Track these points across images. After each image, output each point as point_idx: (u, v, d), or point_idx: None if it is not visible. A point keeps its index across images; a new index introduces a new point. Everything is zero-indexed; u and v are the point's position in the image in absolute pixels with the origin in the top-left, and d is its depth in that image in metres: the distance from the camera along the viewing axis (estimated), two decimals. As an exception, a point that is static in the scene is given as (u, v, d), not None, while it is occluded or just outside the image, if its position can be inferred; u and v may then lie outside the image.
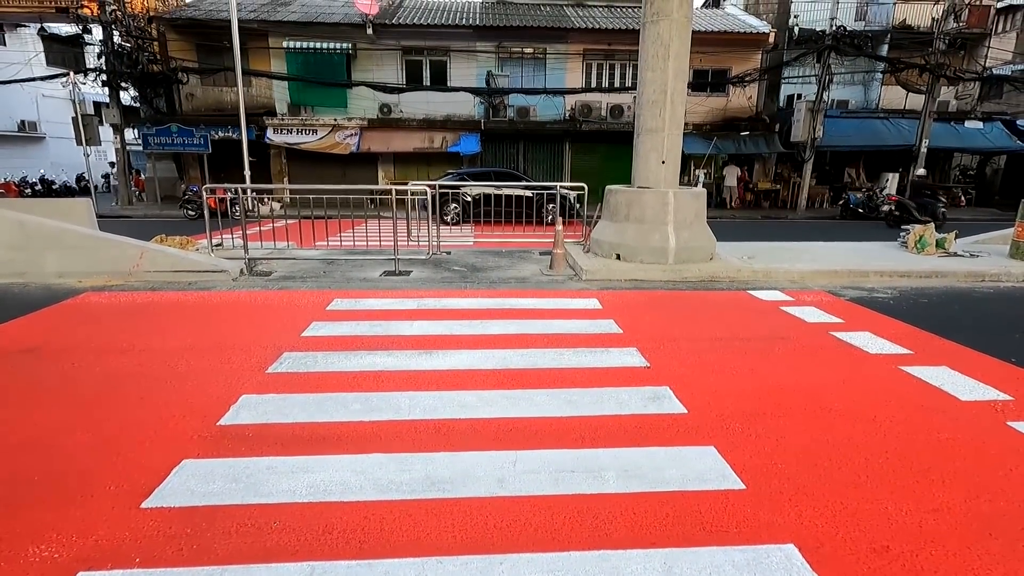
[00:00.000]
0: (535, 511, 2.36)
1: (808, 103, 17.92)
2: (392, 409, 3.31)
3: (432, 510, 2.36)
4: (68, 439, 2.91)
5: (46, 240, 6.79)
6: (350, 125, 18.79)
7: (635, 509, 2.38)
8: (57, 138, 26.73)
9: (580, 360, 4.19)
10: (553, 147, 20.05)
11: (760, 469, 2.70)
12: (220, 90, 18.98)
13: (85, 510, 2.32)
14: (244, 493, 2.45)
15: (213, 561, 2.04)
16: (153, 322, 5.09)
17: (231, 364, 4.00)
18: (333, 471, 2.64)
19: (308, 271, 7.48)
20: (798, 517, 2.33)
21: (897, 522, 2.31)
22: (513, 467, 2.69)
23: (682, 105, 7.73)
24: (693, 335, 4.86)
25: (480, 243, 10.38)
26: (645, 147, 7.80)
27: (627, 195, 7.80)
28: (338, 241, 9.57)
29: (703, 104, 19.61)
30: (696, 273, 7.24)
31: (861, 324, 5.24)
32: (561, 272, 7.59)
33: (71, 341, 4.51)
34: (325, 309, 5.58)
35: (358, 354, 4.24)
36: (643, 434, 3.05)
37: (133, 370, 3.88)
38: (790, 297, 6.31)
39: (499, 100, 18.86)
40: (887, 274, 7.40)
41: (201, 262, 7.05)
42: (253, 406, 3.32)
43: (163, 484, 2.51)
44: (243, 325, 5.04)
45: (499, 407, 3.36)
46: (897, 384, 3.81)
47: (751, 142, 19.46)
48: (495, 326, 5.04)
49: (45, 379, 3.71)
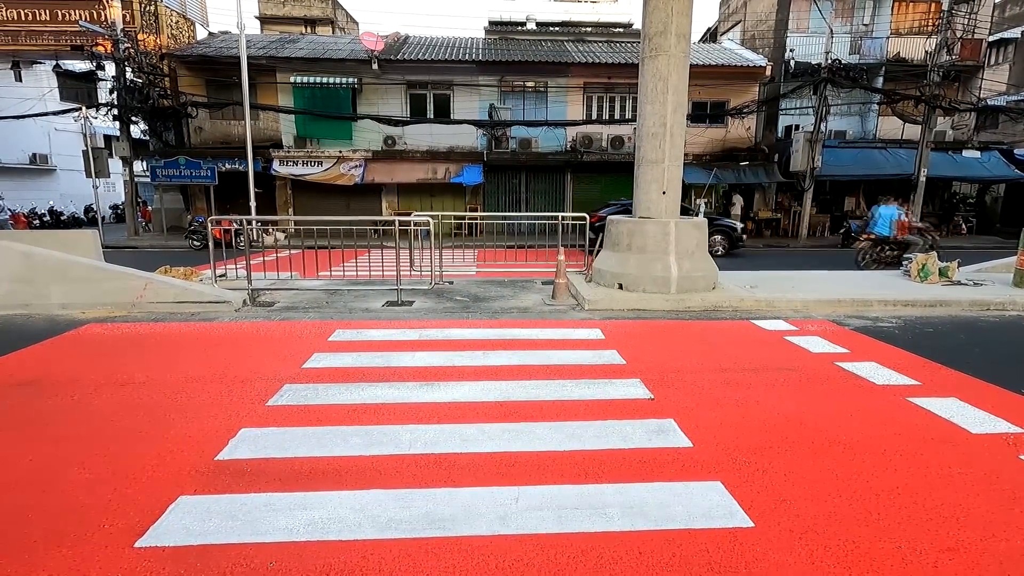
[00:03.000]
0: (538, 550, 2.30)
1: (806, 134, 18.18)
2: (393, 443, 3.26)
3: (432, 549, 2.30)
4: (63, 475, 2.87)
5: (51, 272, 6.83)
6: (355, 157, 19.08)
7: (640, 548, 2.31)
8: (67, 170, 27.22)
9: (583, 392, 4.14)
10: (555, 178, 20.29)
11: (768, 505, 2.63)
12: (228, 123, 19.37)
13: (77, 549, 2.27)
14: (241, 531, 2.40)
15: (206, 604, 1.98)
16: (154, 354, 5.07)
17: (231, 396, 3.97)
18: (332, 508, 2.58)
19: (311, 302, 7.49)
20: (809, 557, 2.26)
21: (912, 562, 2.23)
22: (515, 503, 2.63)
23: (681, 137, 7.84)
24: (697, 366, 4.82)
25: (482, 273, 10.40)
26: (646, 178, 7.88)
27: (629, 225, 7.85)
28: (341, 271, 9.61)
29: (702, 135, 19.90)
30: (699, 303, 7.22)
31: (867, 354, 5.19)
32: (563, 302, 7.58)
33: (71, 374, 4.49)
34: (327, 340, 5.56)
35: (359, 386, 4.21)
36: (647, 468, 2.99)
37: (132, 403, 3.85)
38: (794, 327, 6.27)
39: (501, 132, 19.17)
40: (891, 303, 7.36)
41: (204, 293, 7.07)
42: (252, 440, 3.28)
43: (158, 522, 2.46)
44: (245, 356, 5.02)
45: (501, 441, 3.31)
46: (905, 416, 3.75)
47: (751, 172, 19.67)
48: (497, 357, 5.01)
49: (43, 413, 3.68)
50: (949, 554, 2.29)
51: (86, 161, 16.73)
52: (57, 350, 5.17)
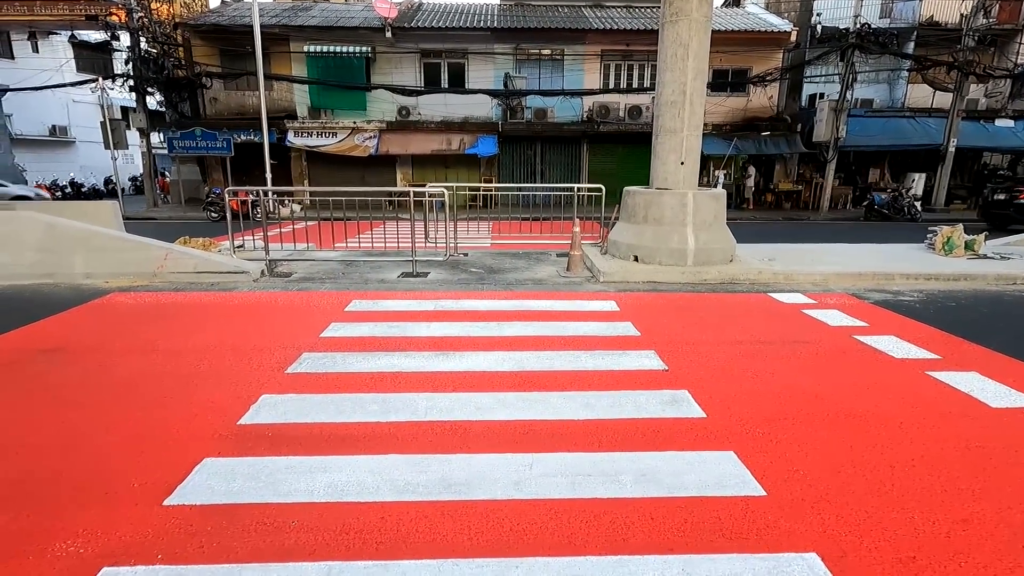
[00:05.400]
0: (551, 515, 2.34)
1: (831, 102, 17.62)
2: (409, 410, 3.32)
3: (448, 512, 2.36)
4: (93, 437, 2.98)
5: (74, 242, 6.97)
6: (369, 128, 18.97)
7: (653, 514, 2.35)
8: (86, 142, 27.45)
9: (597, 363, 4.16)
10: (570, 148, 20.00)
11: (781, 475, 2.65)
12: (242, 94, 19.31)
13: (109, 507, 2.36)
14: (263, 492, 2.48)
15: (233, 559, 2.06)
16: (176, 322, 5.18)
17: (252, 364, 4.06)
18: (351, 471, 2.65)
19: (327, 272, 7.56)
20: (821, 525, 2.28)
21: (925, 532, 2.24)
22: (530, 470, 2.68)
23: (701, 106, 7.65)
24: (712, 338, 4.80)
25: (497, 245, 10.38)
26: (664, 148, 7.74)
27: (645, 196, 7.74)
28: (356, 243, 9.66)
29: (723, 104, 19.39)
30: (715, 275, 7.15)
31: (886, 328, 5.12)
32: (578, 274, 7.55)
33: (97, 341, 4.62)
34: (344, 310, 5.63)
35: (376, 355, 4.27)
36: (661, 438, 3.02)
37: (156, 369, 3.95)
38: (812, 300, 6.20)
39: (517, 102, 18.87)
40: (913, 276, 7.22)
41: (223, 263, 7.17)
42: (273, 406, 3.36)
43: (185, 482, 2.55)
44: (264, 326, 5.11)
45: (516, 409, 3.35)
46: (924, 390, 3.71)
47: (772, 142, 19.19)
48: (512, 328, 5.04)
49: (71, 378, 3.80)
50: (963, 525, 2.29)
51: (104, 132, 16.85)
52: (83, 318, 5.31)
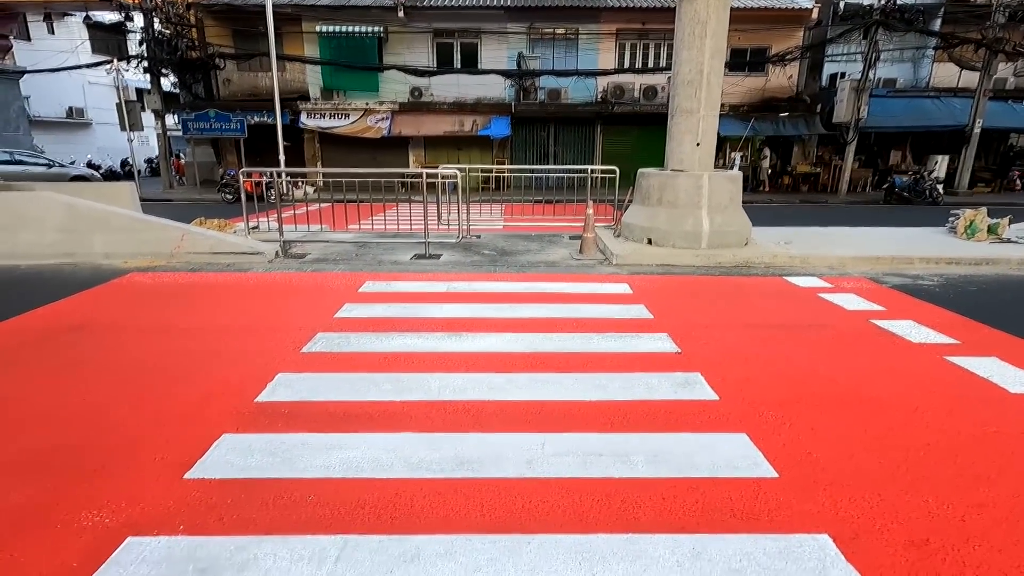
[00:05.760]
0: (563, 493, 2.37)
1: (853, 82, 17.15)
2: (422, 390, 3.36)
3: (461, 489, 2.39)
4: (115, 413, 3.05)
5: (93, 222, 7.07)
6: (381, 109, 18.88)
7: (664, 494, 2.36)
8: (103, 124, 27.65)
9: (610, 345, 4.16)
10: (584, 130, 19.76)
11: (794, 458, 2.64)
12: (255, 75, 19.28)
13: (132, 480, 2.43)
14: (280, 467, 2.53)
15: (252, 531, 2.12)
16: (194, 302, 5.26)
17: (267, 343, 4.11)
18: (365, 449, 2.70)
19: (340, 254, 7.60)
20: (833, 507, 2.28)
21: (938, 516, 2.23)
22: (542, 449, 2.70)
23: (718, 85, 7.50)
24: (726, 321, 4.76)
25: (510, 227, 10.36)
26: (679, 129, 7.62)
27: (660, 178, 7.65)
28: (369, 225, 9.69)
29: (740, 84, 18.98)
30: (730, 258, 7.08)
31: (904, 312, 5.05)
32: (591, 256, 7.52)
33: (118, 319, 4.70)
34: (357, 291, 5.67)
35: (389, 335, 4.31)
36: (673, 420, 3.02)
37: (175, 348, 4.02)
38: (828, 284, 6.12)
39: (530, 82, 18.64)
40: (933, 260, 7.09)
41: (239, 244, 7.24)
42: (289, 384, 3.41)
43: (204, 456, 2.61)
44: (279, 306, 5.17)
45: (528, 390, 3.37)
46: (941, 374, 3.67)
47: (790, 124, 18.79)
48: (524, 310, 5.04)
49: (93, 356, 3.89)
50: (977, 509, 2.27)
51: (120, 114, 16.95)
52: (103, 297, 5.41)
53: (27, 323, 4.58)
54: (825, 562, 1.98)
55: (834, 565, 1.96)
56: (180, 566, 1.94)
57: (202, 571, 1.92)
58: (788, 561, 1.98)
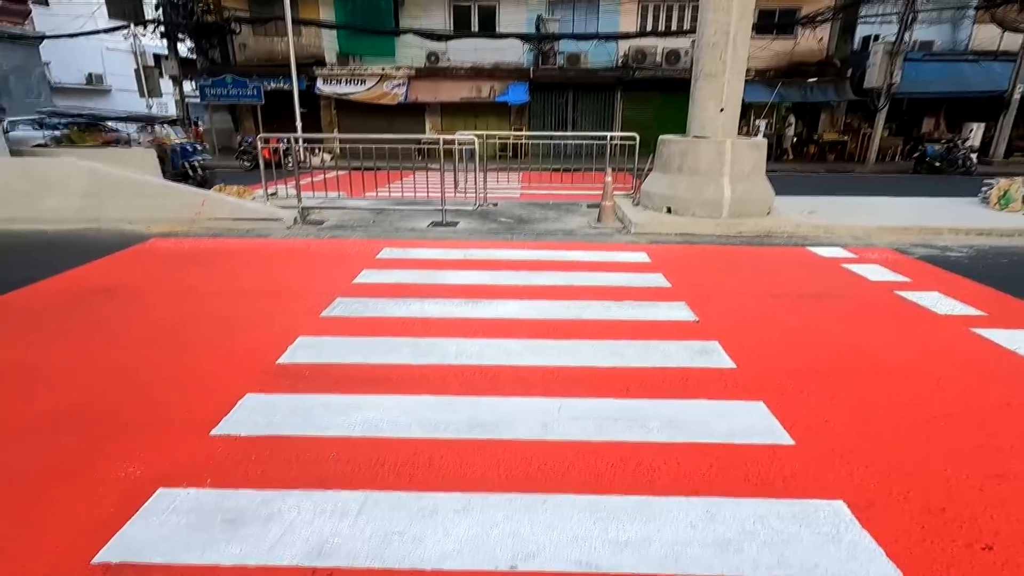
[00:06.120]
0: (578, 455, 2.40)
1: (886, 45, 16.41)
2: (439, 354, 3.40)
3: (478, 450, 2.43)
4: (142, 372, 3.14)
5: (116, 188, 7.16)
6: (398, 75, 18.62)
7: (678, 458, 2.38)
8: (121, 90, 27.69)
9: (626, 313, 4.14)
10: (604, 96, 19.30)
11: (811, 426, 2.63)
12: (271, 40, 19.08)
13: (161, 436, 2.52)
14: (302, 426, 2.60)
15: (276, 485, 2.19)
16: (215, 266, 5.34)
17: (288, 307, 4.18)
18: (384, 410, 2.75)
19: (358, 221, 7.63)
20: (849, 475, 2.28)
21: (956, 485, 2.22)
22: (557, 413, 2.73)
23: (745, 48, 7.23)
24: (745, 291, 4.71)
25: (527, 195, 10.27)
26: (703, 94, 7.40)
27: (681, 145, 7.48)
28: (387, 192, 9.68)
29: (768, 48, 18.28)
30: (751, 228, 6.95)
31: (930, 283, 4.93)
32: (609, 225, 7.44)
33: (142, 283, 4.81)
34: (375, 257, 5.70)
35: (407, 301, 4.34)
36: (689, 387, 3.02)
37: (198, 311, 4.11)
38: (853, 254, 5.99)
39: (549, 46, 18.18)
40: (964, 231, 6.88)
41: (258, 210, 7.30)
42: (309, 347, 3.47)
43: (229, 415, 2.68)
44: (298, 271, 5.23)
45: (544, 356, 3.39)
46: (966, 346, 3.60)
47: (819, 89, 18.13)
48: (541, 277, 5.03)
49: (121, 318, 3.99)
50: (997, 480, 2.25)
51: (138, 80, 17.00)
52: (128, 262, 5.52)
53: (56, 286, 4.71)
54: (839, 527, 1.99)
55: (848, 530, 1.97)
56: (209, 516, 2.02)
57: (230, 521, 1.99)
58: (802, 525, 2.00)
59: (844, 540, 1.93)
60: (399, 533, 1.94)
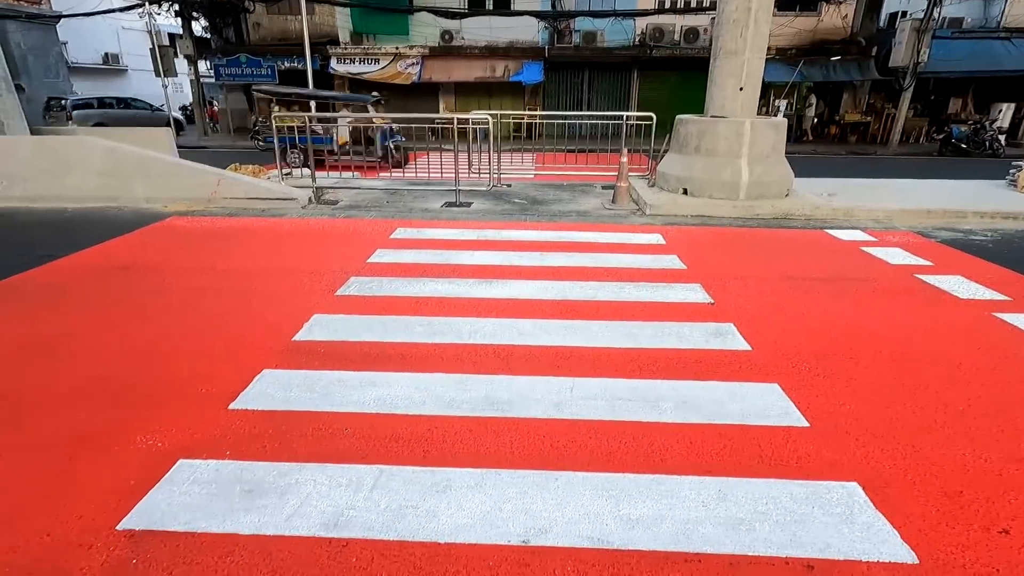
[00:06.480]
0: (591, 434, 2.41)
1: (914, 22, 15.87)
2: (453, 333, 3.41)
3: (491, 427, 2.45)
4: (162, 348, 3.20)
5: (134, 167, 7.23)
6: (411, 54, 18.44)
7: (691, 439, 2.38)
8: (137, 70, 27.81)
9: (640, 294, 4.12)
10: (620, 76, 18.97)
11: (826, 409, 2.61)
12: (285, 18, 18.97)
13: (181, 409, 2.57)
14: (318, 401, 2.64)
15: (292, 458, 2.23)
16: (232, 245, 5.39)
17: (303, 285, 4.21)
18: (398, 387, 2.78)
19: (372, 201, 7.63)
20: (864, 457, 2.26)
21: (974, 469, 2.20)
22: (570, 392, 2.74)
23: (766, 24, 7.04)
24: (762, 273, 4.65)
25: (541, 176, 10.18)
26: (722, 72, 7.24)
27: (699, 125, 7.35)
28: (400, 172, 9.65)
29: (790, 25, 17.78)
30: (769, 210, 6.84)
31: (952, 267, 4.83)
32: (624, 206, 7.37)
33: (160, 260, 4.87)
34: (389, 237, 5.71)
35: (421, 280, 4.36)
36: (703, 369, 3.01)
37: (216, 288, 4.16)
38: (873, 237, 5.87)
39: (564, 24, 17.85)
40: (989, 215, 6.71)
41: (273, 190, 7.33)
42: (324, 324, 3.51)
43: (247, 390, 2.73)
44: (313, 250, 5.26)
45: (557, 336, 3.39)
46: (988, 331, 3.53)
47: (842, 68, 17.62)
48: (555, 258, 5.01)
49: (139, 294, 4.05)
50: (1017, 464, 2.22)
51: (154, 60, 17.00)
52: (146, 240, 5.59)
53: (78, 262, 4.79)
54: (853, 508, 1.98)
55: (862, 512, 1.96)
56: (228, 487, 2.06)
57: (248, 492, 2.04)
58: (815, 506, 1.99)
59: (858, 521, 1.92)
60: (413, 507, 1.98)
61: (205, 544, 1.81)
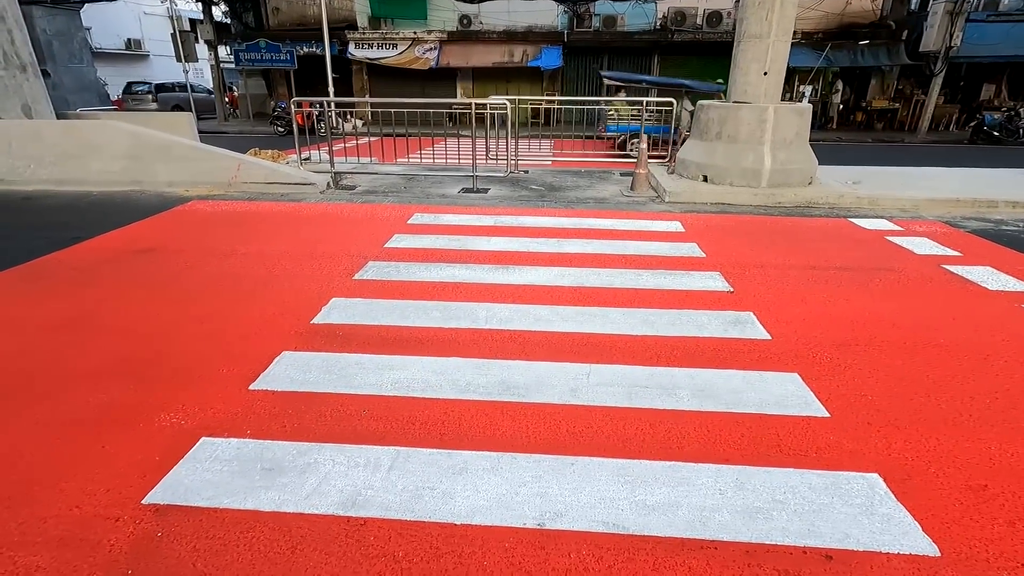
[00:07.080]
0: (607, 420, 2.40)
1: (948, 4, 15.33)
2: (470, 318, 3.42)
3: (507, 411, 2.46)
4: (184, 329, 3.26)
5: (156, 151, 7.33)
6: (430, 39, 18.35)
7: (709, 427, 2.36)
8: (159, 56, 28.12)
9: (659, 282, 4.08)
10: (640, 61, 18.69)
11: (847, 399, 2.57)
12: (303, 3, 18.98)
13: (203, 389, 2.62)
14: (336, 383, 2.67)
15: (311, 439, 2.26)
16: (252, 229, 5.45)
17: (322, 269, 4.25)
18: (415, 370, 2.79)
19: (390, 186, 7.65)
20: (886, 449, 2.23)
21: (999, 463, 2.15)
22: (587, 379, 2.73)
23: (793, 7, 6.86)
24: (783, 262, 4.58)
25: (559, 163, 10.11)
26: (746, 56, 7.08)
27: (721, 111, 7.21)
28: (418, 158, 9.65)
29: (816, 8, 17.29)
30: (791, 198, 6.71)
31: (981, 258, 4.70)
32: (643, 193, 7.29)
33: (182, 243, 4.95)
34: (406, 222, 5.73)
35: (438, 265, 4.37)
36: (722, 357, 2.98)
37: (236, 271, 4.22)
38: (898, 227, 5.74)
39: (584, 8, 17.59)
40: (1022, 204, 6.51)
41: (292, 175, 7.38)
42: (342, 308, 3.54)
43: (267, 371, 2.77)
44: (331, 234, 5.30)
45: (574, 322, 3.38)
46: (1017, 322, 3.44)
47: (870, 53, 17.13)
48: (572, 245, 4.99)
49: (163, 276, 4.13)
50: (1045, 459, 2.17)
51: (175, 45, 17.15)
52: (169, 222, 5.68)
53: (104, 244, 4.88)
54: (873, 500, 1.95)
55: (883, 503, 1.94)
56: (249, 465, 2.10)
57: (268, 471, 2.08)
58: (834, 496, 1.97)
59: (878, 512, 1.89)
60: (430, 488, 1.99)
61: (227, 519, 1.85)
